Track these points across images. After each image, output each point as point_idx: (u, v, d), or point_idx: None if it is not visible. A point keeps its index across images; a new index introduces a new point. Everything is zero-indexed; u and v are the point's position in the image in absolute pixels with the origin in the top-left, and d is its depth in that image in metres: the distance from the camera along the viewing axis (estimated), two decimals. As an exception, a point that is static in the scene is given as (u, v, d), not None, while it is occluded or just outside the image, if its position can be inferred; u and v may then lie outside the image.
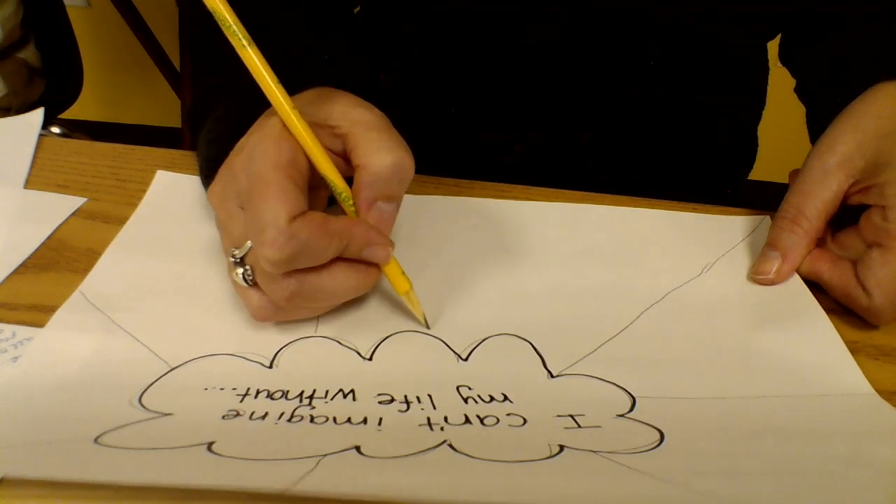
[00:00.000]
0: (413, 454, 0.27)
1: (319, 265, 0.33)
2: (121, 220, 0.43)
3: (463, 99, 0.57)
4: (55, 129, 1.09)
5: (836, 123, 0.41)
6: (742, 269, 0.42)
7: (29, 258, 0.40)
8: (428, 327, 0.37)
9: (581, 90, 0.55)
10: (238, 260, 0.34)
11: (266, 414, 0.31)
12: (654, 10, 0.52)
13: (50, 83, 1.05)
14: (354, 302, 0.38)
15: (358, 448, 0.28)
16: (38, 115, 0.53)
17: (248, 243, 0.33)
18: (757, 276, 0.41)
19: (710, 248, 0.44)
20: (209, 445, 0.28)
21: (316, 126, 0.34)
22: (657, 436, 0.30)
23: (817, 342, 0.37)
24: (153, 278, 0.39)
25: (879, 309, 0.38)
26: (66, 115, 1.14)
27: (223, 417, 0.30)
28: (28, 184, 0.47)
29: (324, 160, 0.34)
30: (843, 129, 0.40)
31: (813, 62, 0.54)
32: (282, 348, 0.35)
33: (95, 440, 0.28)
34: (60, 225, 0.43)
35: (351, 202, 0.35)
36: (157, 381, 0.33)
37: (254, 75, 0.33)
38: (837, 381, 0.35)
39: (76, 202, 0.45)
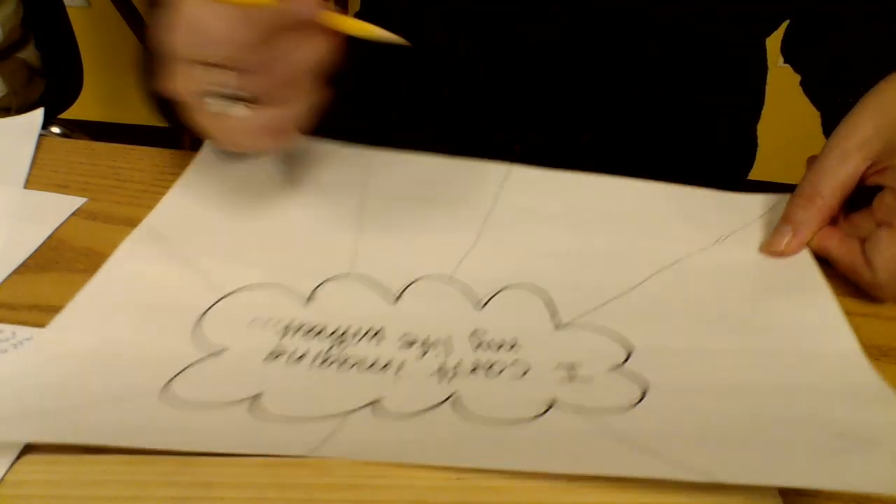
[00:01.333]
0: (420, 412, 0.32)
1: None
2: (121, 221, 0.43)
3: (463, 99, 0.57)
4: (55, 129, 1.09)
5: (859, 107, 0.42)
6: (754, 244, 0.44)
7: (29, 258, 0.40)
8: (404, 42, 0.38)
9: (581, 90, 0.55)
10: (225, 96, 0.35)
11: (303, 355, 0.35)
12: (654, 10, 0.52)
13: (50, 83, 1.04)
14: (389, 243, 0.43)
15: (376, 403, 0.32)
16: (38, 115, 0.53)
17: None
18: (768, 248, 0.43)
19: (725, 222, 0.46)
20: (253, 399, 0.32)
21: None
22: (639, 393, 0.33)
23: (817, 309, 0.40)
24: (213, 215, 0.44)
25: (883, 285, 0.39)
26: (66, 115, 1.14)
27: (265, 360, 0.35)
28: (28, 184, 0.47)
29: None
30: (864, 113, 0.41)
31: (812, 62, 0.55)
32: (320, 284, 0.39)
33: (160, 393, 0.32)
34: (60, 225, 0.43)
35: None
36: (209, 309, 0.37)
37: None
38: (830, 342, 0.37)
39: (76, 202, 0.45)
